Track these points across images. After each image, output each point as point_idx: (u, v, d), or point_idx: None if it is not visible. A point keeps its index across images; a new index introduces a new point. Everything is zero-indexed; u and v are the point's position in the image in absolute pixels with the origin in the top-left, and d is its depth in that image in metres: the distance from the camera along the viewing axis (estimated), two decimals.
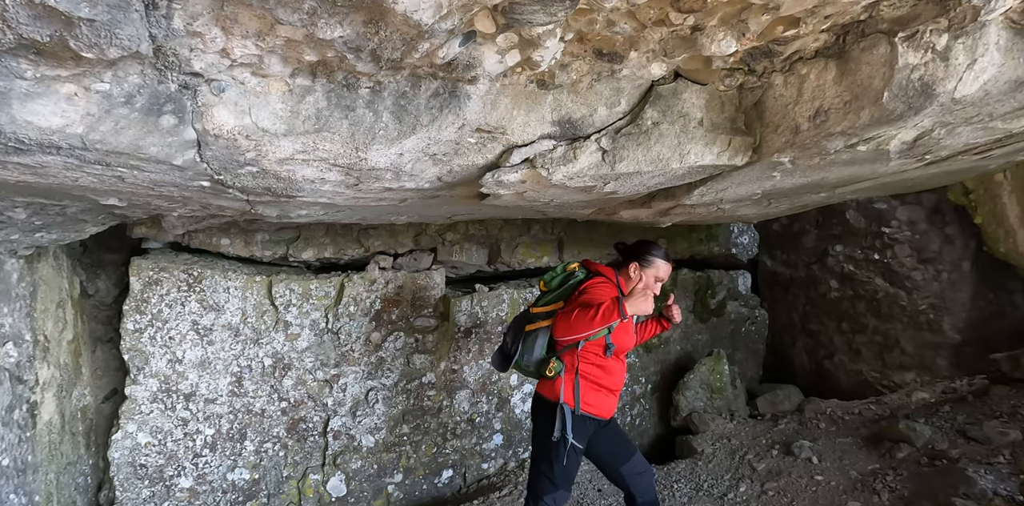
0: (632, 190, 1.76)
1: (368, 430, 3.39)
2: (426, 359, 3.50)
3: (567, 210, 2.25)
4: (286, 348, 3.20)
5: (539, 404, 2.33)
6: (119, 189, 1.48)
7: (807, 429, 3.65)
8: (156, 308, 2.95)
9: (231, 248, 3.19)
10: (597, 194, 1.79)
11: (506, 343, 2.41)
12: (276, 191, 1.55)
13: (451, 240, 3.61)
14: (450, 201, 1.91)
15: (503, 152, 1.54)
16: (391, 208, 1.99)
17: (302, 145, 1.31)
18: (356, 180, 1.54)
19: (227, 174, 1.42)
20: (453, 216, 2.40)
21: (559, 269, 2.30)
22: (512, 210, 2.23)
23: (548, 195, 1.80)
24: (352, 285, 3.30)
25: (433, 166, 1.53)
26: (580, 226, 4.01)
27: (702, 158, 1.54)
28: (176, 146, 1.23)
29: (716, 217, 2.51)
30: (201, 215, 2.09)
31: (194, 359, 3.03)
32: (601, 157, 1.54)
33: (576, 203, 2.00)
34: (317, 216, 1.98)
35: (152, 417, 2.98)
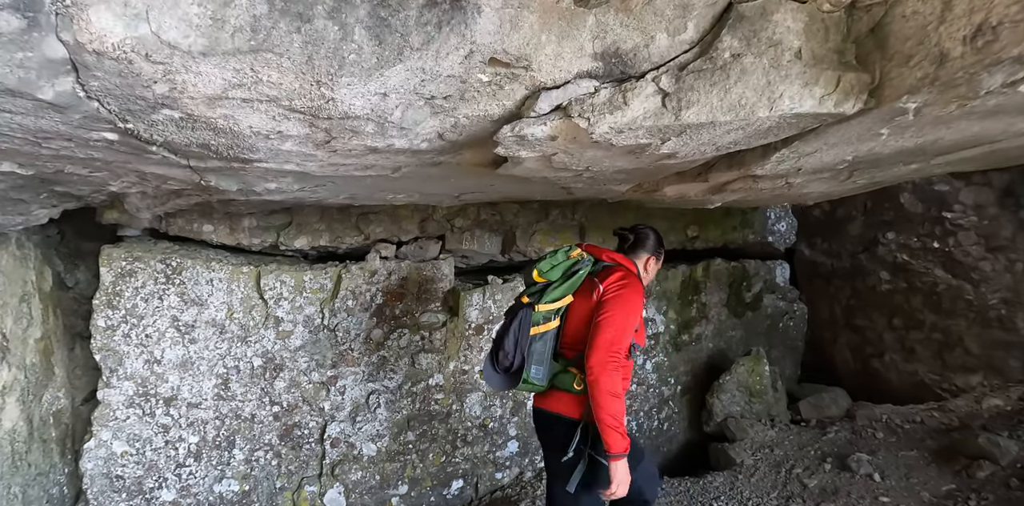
0: (695, 152, 1.37)
1: (369, 437, 3.06)
2: (433, 359, 3.15)
3: (600, 185, 1.86)
4: (277, 347, 2.87)
5: (554, 424, 1.91)
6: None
7: (861, 439, 3.24)
8: (130, 302, 2.63)
9: (214, 235, 2.86)
10: (649, 158, 1.40)
11: (505, 352, 1.86)
12: (219, 151, 1.19)
13: (461, 226, 3.24)
14: (456, 171, 1.53)
15: (527, 97, 1.16)
16: (383, 182, 1.62)
17: (235, 73, 0.94)
18: (326, 135, 1.17)
19: (136, 121, 1.06)
20: (461, 195, 2.02)
21: (559, 255, 1.91)
22: (532, 186, 1.84)
23: (584, 160, 1.41)
24: (350, 276, 2.95)
25: (431, 116, 1.15)
26: (604, 210, 3.61)
27: (799, 104, 1.14)
28: (36, 68, 0.87)
29: (777, 195, 2.12)
30: (156, 193, 1.75)
31: (174, 359, 2.71)
32: (661, 102, 1.15)
33: (616, 173, 1.61)
34: (292, 192, 1.62)
35: (129, 424, 2.68)
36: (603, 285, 1.84)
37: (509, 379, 1.89)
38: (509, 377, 1.89)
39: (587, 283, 1.90)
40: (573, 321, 1.89)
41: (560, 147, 1.28)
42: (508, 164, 1.42)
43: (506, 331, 1.86)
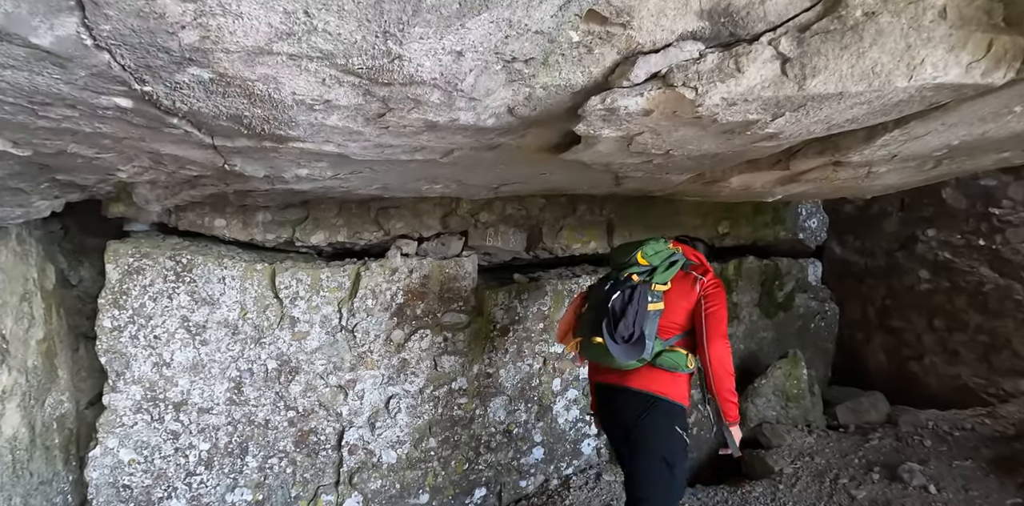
0: (801, 132, 1.19)
1: (389, 444, 2.90)
2: (456, 361, 2.99)
3: (659, 175, 1.68)
4: (293, 349, 2.71)
5: (659, 407, 2.04)
6: None
7: (908, 447, 3.07)
8: (138, 302, 2.47)
9: (227, 230, 2.69)
10: (745, 139, 1.22)
11: (627, 324, 1.94)
12: (252, 126, 1.02)
13: (485, 222, 3.07)
14: (512, 157, 1.35)
15: (618, 63, 0.98)
16: (426, 169, 1.44)
17: (284, 18, 0.75)
18: (381, 106, 0.99)
19: (156, 82, 0.88)
20: (502, 186, 1.84)
21: (660, 243, 2.07)
22: (584, 176, 1.67)
23: (670, 141, 1.23)
24: (370, 274, 2.79)
25: (506, 85, 0.98)
26: (632, 206, 3.44)
27: (943, 72, 0.97)
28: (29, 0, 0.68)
29: (845, 187, 1.93)
30: (169, 181, 1.59)
31: (184, 362, 2.55)
32: (781, 69, 0.98)
33: (688, 160, 1.43)
34: (323, 180, 1.44)
35: (136, 430, 2.52)
36: (705, 278, 2.07)
37: (630, 349, 1.97)
38: (630, 348, 1.97)
39: (681, 274, 2.09)
40: (669, 306, 2.04)
41: (651, 125, 1.10)
42: (579, 147, 1.24)
43: (627, 303, 1.97)
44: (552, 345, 3.21)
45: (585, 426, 3.38)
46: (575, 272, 3.43)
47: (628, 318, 1.93)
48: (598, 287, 2.15)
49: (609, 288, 2.03)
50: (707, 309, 2.02)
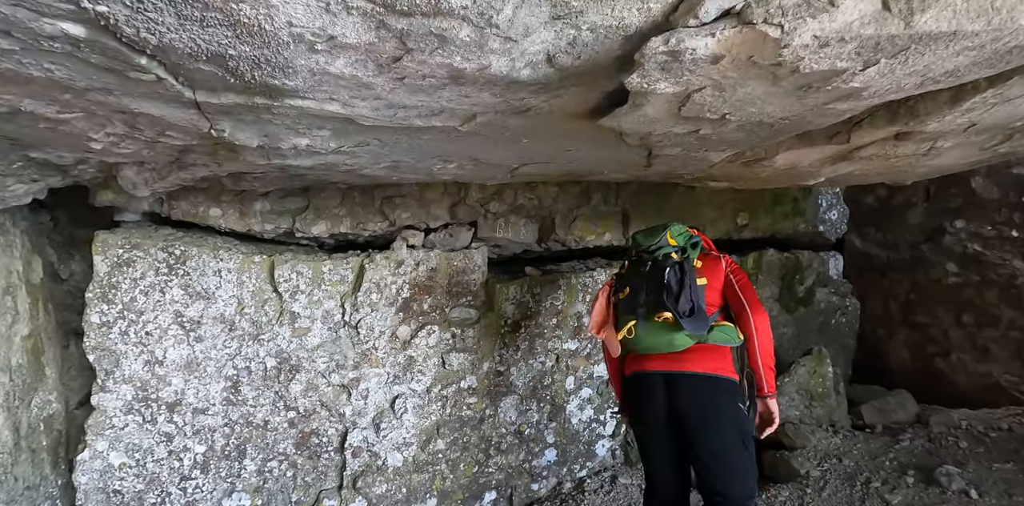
0: (891, 86, 1.01)
1: (395, 446, 2.75)
2: (465, 359, 2.84)
3: (697, 153, 1.51)
4: (293, 345, 2.56)
5: (719, 386, 1.99)
6: None
7: (942, 448, 2.91)
8: (128, 296, 2.32)
9: (223, 220, 2.54)
10: (822, 97, 1.05)
11: (686, 297, 1.94)
12: (240, 72, 0.86)
13: (496, 212, 2.91)
14: (542, 125, 1.18)
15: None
16: (442, 142, 1.28)
17: None
18: (397, 45, 0.82)
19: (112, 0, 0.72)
20: (520, 167, 1.67)
21: (681, 226, 2.08)
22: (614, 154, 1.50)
23: (733, 100, 1.06)
24: (374, 267, 2.64)
25: (548, 25, 0.81)
26: (648, 196, 3.28)
27: None
28: None
29: (900, 166, 1.76)
30: (154, 160, 1.43)
31: (178, 360, 2.41)
32: (882, 2, 0.82)
33: (746, 129, 1.26)
34: (326, 153, 1.27)
35: (127, 432, 2.38)
36: (725, 257, 2.11)
37: (697, 322, 1.95)
38: (696, 320, 1.95)
39: (702, 254, 2.11)
40: (707, 282, 2.05)
41: (716, 76, 0.94)
42: (622, 110, 1.08)
43: (681, 277, 1.96)
44: (566, 342, 3.06)
45: (600, 426, 3.23)
46: (588, 265, 3.27)
47: (685, 293, 1.93)
48: (632, 271, 2.09)
49: (652, 268, 2.00)
50: (740, 281, 2.06)
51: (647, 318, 1.96)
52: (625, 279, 2.11)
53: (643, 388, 2.07)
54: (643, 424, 2.14)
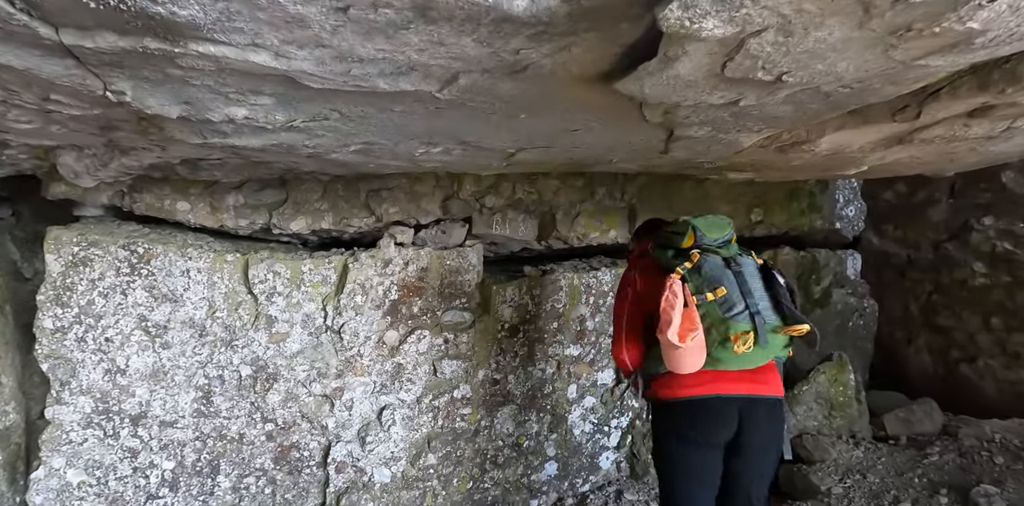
0: (1010, 33, 0.80)
1: (382, 460, 2.54)
2: (459, 366, 2.62)
3: (726, 134, 1.27)
4: (270, 352, 2.34)
5: (782, 410, 1.88)
6: None
7: (976, 464, 2.68)
8: (85, 298, 2.11)
9: (191, 215, 2.32)
10: (914, 50, 0.80)
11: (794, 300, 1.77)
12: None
13: (492, 207, 2.69)
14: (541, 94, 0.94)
15: None
16: (418, 117, 1.04)
17: None
18: None
19: None
20: (518, 152, 1.43)
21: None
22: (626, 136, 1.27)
23: (800, 50, 0.81)
24: (359, 266, 2.42)
25: None
26: (656, 190, 3.05)
27: None
28: None
29: (958, 153, 1.53)
30: (88, 144, 1.21)
31: (143, 368, 2.19)
32: None
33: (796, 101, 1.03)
34: (277, 131, 1.02)
35: (87, 448, 2.16)
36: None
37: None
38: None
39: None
40: None
41: (789, 9, 0.70)
42: (648, 66, 0.84)
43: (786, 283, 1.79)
44: (567, 347, 2.84)
45: (604, 438, 3.01)
46: (592, 264, 3.05)
47: (791, 293, 1.78)
48: (714, 268, 1.75)
49: (748, 268, 1.75)
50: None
51: (774, 330, 1.67)
52: (703, 276, 1.74)
53: (713, 412, 1.80)
54: (696, 448, 1.84)
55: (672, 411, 1.86)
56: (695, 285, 1.71)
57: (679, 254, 1.81)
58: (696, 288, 1.70)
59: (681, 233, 1.82)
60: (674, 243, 1.84)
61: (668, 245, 1.87)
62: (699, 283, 1.72)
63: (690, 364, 1.66)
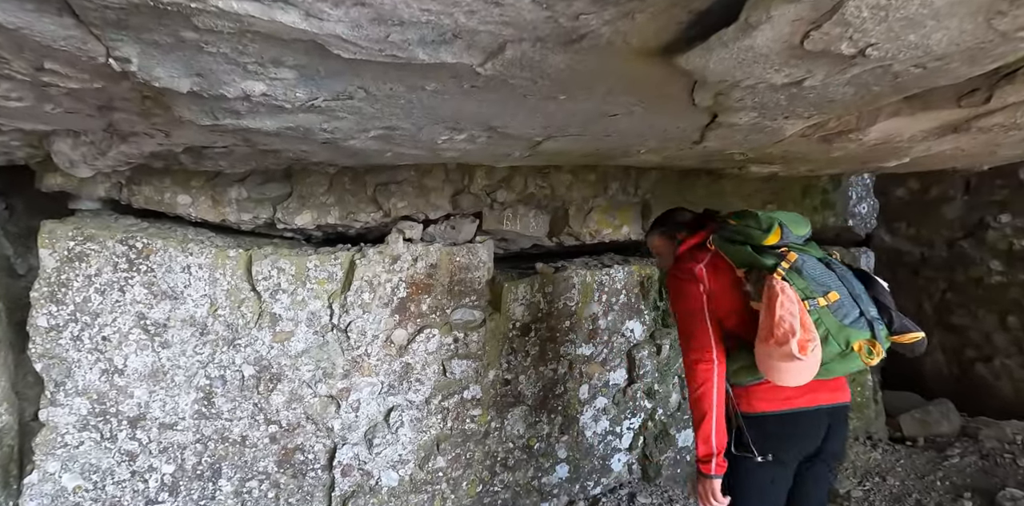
0: None
1: (390, 463, 2.45)
2: (469, 366, 2.53)
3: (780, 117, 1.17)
4: (274, 352, 2.25)
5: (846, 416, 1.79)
6: None
7: (998, 467, 2.62)
8: (81, 295, 2.02)
9: (192, 209, 2.23)
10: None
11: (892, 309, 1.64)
12: None
13: (503, 201, 2.60)
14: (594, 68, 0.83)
15: None
16: (452, 99, 0.95)
17: None
18: None
19: None
20: (546, 140, 1.31)
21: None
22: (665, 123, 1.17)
23: (907, 13, 0.73)
24: (367, 263, 2.33)
25: None
26: (670, 185, 2.97)
27: None
28: None
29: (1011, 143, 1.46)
30: (84, 127, 1.12)
31: (141, 368, 2.10)
32: None
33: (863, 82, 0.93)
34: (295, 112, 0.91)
35: (83, 451, 2.07)
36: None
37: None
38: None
39: None
40: None
41: None
42: (723, 36, 0.75)
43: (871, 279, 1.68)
44: (579, 346, 2.76)
45: (616, 439, 2.93)
46: (603, 262, 2.97)
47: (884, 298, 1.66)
48: (816, 269, 1.62)
49: (843, 269, 1.65)
50: None
51: (886, 338, 1.56)
52: (807, 279, 1.58)
53: (801, 425, 1.68)
54: (782, 467, 1.70)
55: (763, 425, 1.67)
56: (800, 289, 1.55)
57: (761, 251, 1.65)
58: (803, 292, 1.55)
59: (763, 228, 1.66)
60: (753, 239, 1.67)
61: (743, 240, 1.70)
62: (803, 286, 1.56)
63: (805, 377, 1.52)
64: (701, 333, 1.65)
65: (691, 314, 1.69)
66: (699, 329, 1.66)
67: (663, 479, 3.02)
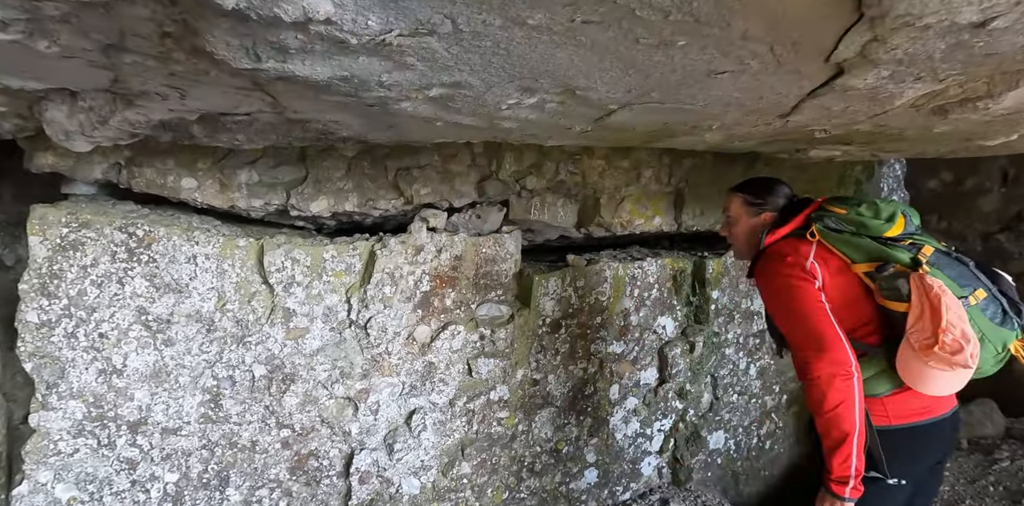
0: None
1: (411, 470, 2.28)
2: (496, 365, 2.36)
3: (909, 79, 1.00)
4: (287, 350, 2.07)
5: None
6: None
7: None
8: (76, 288, 1.82)
9: (199, 193, 2.03)
10: None
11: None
12: None
13: (533, 189, 2.42)
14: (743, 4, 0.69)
15: None
16: (543, 46, 0.75)
17: None
18: None
19: None
20: (622, 108, 1.07)
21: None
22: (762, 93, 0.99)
23: None
24: (388, 254, 2.15)
25: None
26: (705, 173, 2.81)
27: None
28: None
29: None
30: (83, 84, 0.93)
31: (142, 368, 1.91)
32: None
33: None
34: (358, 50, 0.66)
35: (78, 459, 1.89)
36: None
37: None
38: None
39: None
40: None
41: None
42: None
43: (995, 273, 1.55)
44: (610, 344, 2.60)
45: (646, 442, 2.78)
46: (632, 254, 2.80)
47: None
48: (953, 263, 1.48)
49: (968, 259, 1.52)
50: None
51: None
52: (948, 275, 1.44)
53: (935, 436, 1.55)
54: (912, 486, 1.57)
55: (898, 439, 1.50)
56: (961, 289, 1.42)
57: (884, 244, 1.50)
58: (966, 293, 1.41)
59: (884, 217, 1.52)
60: (871, 229, 1.52)
61: (854, 231, 1.54)
62: (949, 284, 1.41)
63: (958, 386, 1.39)
64: (833, 341, 1.43)
65: (812, 319, 1.48)
66: (829, 336, 1.44)
67: (694, 483, 2.87)
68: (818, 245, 1.58)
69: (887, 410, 1.50)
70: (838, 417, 1.39)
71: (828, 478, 1.42)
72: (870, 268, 1.50)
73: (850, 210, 1.59)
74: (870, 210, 1.57)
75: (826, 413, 1.40)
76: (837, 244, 1.56)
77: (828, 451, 1.42)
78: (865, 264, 1.52)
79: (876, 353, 1.49)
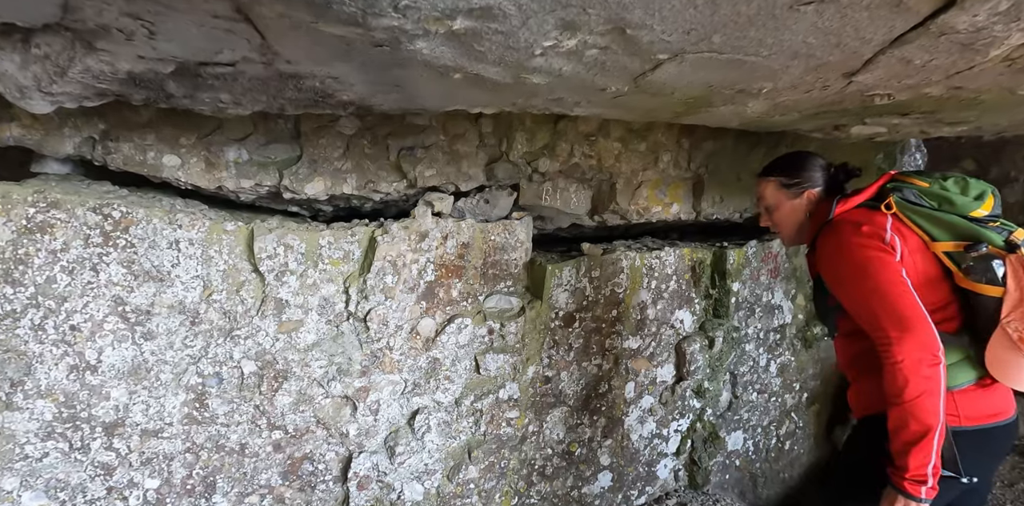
0: None
1: (414, 474, 2.11)
2: (505, 361, 2.20)
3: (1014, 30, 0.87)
4: (280, 344, 1.90)
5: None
6: None
7: None
8: (44, 274, 1.64)
9: (182, 172, 1.85)
10: None
11: None
12: None
13: (545, 172, 2.25)
14: None
15: None
16: None
17: None
18: None
19: None
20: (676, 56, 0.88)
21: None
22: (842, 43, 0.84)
23: None
24: (389, 240, 1.98)
25: None
26: (725, 158, 2.64)
27: None
28: None
29: None
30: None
31: (119, 364, 1.74)
32: None
33: None
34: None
35: (47, 464, 1.71)
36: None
37: None
38: None
39: None
40: None
41: None
42: None
43: None
44: (626, 339, 2.44)
45: (662, 443, 2.62)
46: (647, 244, 2.64)
47: None
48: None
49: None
50: None
51: None
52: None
53: (1002, 440, 1.44)
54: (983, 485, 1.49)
55: (970, 441, 1.37)
56: None
57: (972, 223, 1.40)
58: None
59: (974, 195, 1.42)
60: (956, 207, 1.41)
61: (936, 206, 1.43)
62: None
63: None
64: (920, 321, 1.29)
65: (895, 295, 1.33)
66: (916, 315, 1.30)
67: (711, 486, 2.71)
68: (893, 218, 1.44)
69: (958, 409, 1.35)
70: (921, 408, 1.24)
71: (902, 476, 1.27)
72: (955, 248, 1.38)
73: (934, 184, 1.47)
74: (957, 186, 1.45)
75: (906, 402, 1.25)
76: (917, 218, 1.43)
77: (904, 445, 1.26)
78: (949, 243, 1.39)
79: (951, 341, 1.34)
